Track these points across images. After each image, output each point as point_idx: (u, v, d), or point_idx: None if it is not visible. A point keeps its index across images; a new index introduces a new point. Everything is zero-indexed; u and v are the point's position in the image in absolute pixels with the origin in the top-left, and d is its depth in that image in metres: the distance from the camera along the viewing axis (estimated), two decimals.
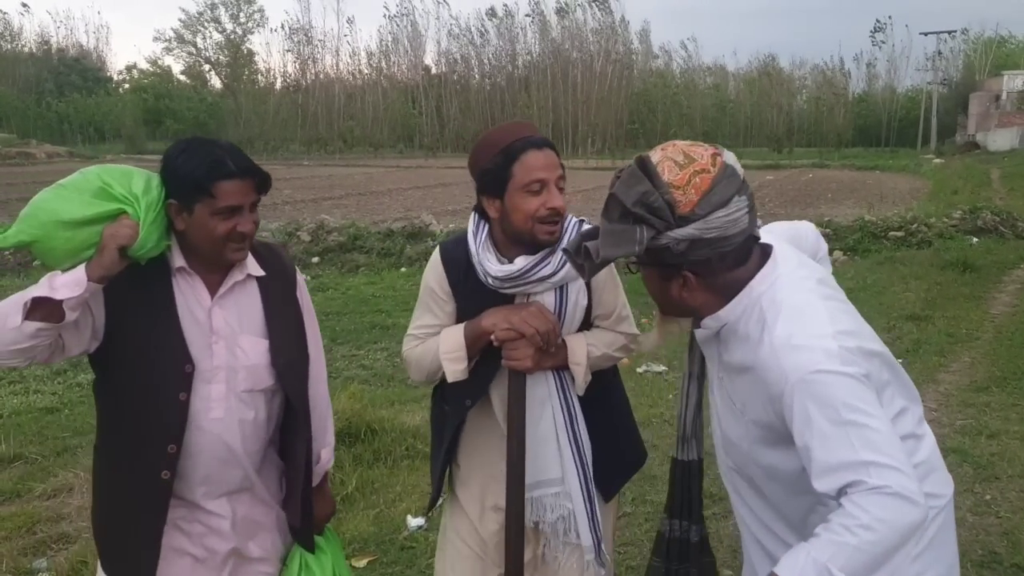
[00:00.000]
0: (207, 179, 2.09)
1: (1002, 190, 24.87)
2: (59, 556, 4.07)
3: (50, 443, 5.72)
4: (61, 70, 77.78)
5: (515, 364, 2.35)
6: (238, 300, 2.29)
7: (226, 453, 2.27)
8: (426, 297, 2.53)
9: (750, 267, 1.85)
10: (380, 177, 38.01)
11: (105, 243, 2.04)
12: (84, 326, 2.14)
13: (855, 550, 1.55)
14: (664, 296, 1.91)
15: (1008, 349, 7.82)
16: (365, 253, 13.72)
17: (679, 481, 2.26)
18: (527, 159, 2.29)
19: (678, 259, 1.79)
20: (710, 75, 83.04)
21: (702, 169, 1.77)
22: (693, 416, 2.19)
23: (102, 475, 2.36)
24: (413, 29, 79.70)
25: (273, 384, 2.31)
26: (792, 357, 1.69)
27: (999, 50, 67.44)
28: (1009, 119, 44.42)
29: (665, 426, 5.94)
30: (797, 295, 1.81)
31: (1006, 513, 4.49)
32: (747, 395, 1.85)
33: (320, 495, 2.58)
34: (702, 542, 2.27)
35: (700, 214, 1.75)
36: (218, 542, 2.34)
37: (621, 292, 2.59)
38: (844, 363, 1.66)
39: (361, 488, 4.83)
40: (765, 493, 1.95)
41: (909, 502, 1.56)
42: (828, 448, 1.63)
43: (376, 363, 7.89)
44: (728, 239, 1.78)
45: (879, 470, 1.58)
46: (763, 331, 1.76)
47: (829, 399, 1.64)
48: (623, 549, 4.21)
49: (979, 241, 14.25)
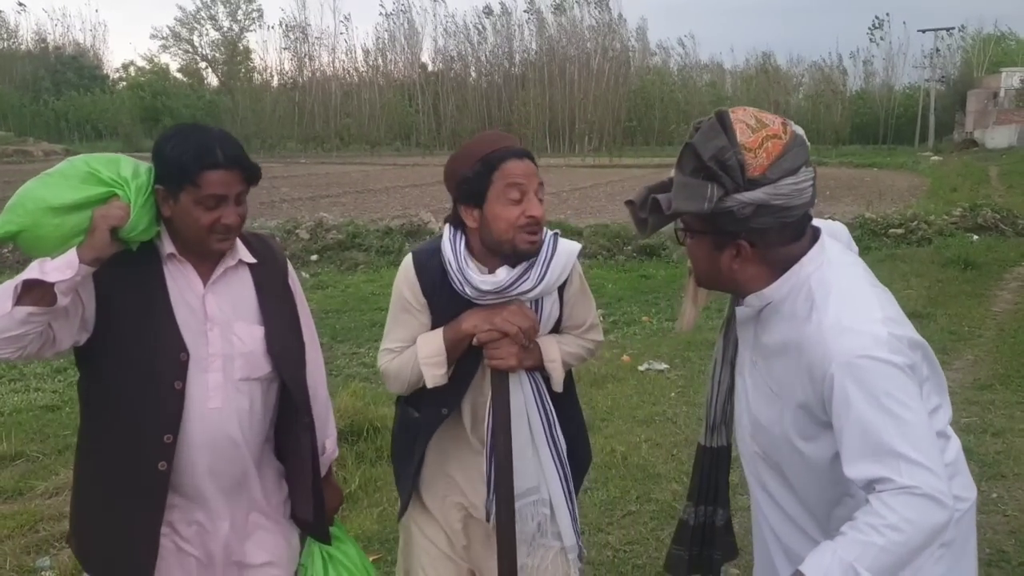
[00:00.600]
0: (192, 167, 2.05)
1: (1001, 187, 24.88)
2: (62, 554, 4.05)
3: (51, 441, 5.69)
4: (58, 68, 77.58)
5: (499, 363, 2.35)
6: (231, 287, 2.26)
7: (227, 443, 2.23)
8: (399, 308, 2.49)
9: (803, 244, 1.83)
10: (377, 175, 37.95)
11: (96, 224, 2.00)
12: (74, 315, 2.09)
13: (881, 550, 1.54)
14: (712, 267, 1.88)
15: (1011, 347, 7.80)
16: (364, 251, 13.68)
17: (706, 468, 2.22)
18: (507, 167, 2.28)
19: (738, 225, 1.76)
20: (707, 72, 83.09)
21: (774, 135, 1.75)
22: (723, 402, 2.15)
23: (91, 473, 2.30)
24: (410, 27, 79.68)
25: (270, 372, 2.28)
26: (840, 339, 1.67)
27: (997, 47, 67.46)
28: (1007, 116, 44.45)
29: (668, 424, 5.93)
30: (847, 278, 1.81)
31: (1013, 511, 4.48)
32: (785, 376, 1.81)
33: (327, 486, 2.56)
34: (727, 524, 2.26)
35: (770, 178, 1.73)
36: (216, 543, 2.29)
37: (593, 303, 2.61)
38: (892, 351, 1.65)
39: (364, 486, 4.82)
40: (792, 481, 1.91)
41: (937, 503, 1.55)
42: (864, 434, 1.61)
43: (376, 360, 7.84)
44: (791, 209, 1.76)
45: (910, 467, 1.56)
46: (811, 310, 1.74)
47: (872, 385, 1.62)
48: (628, 548, 4.20)
49: (979, 239, 14.25)
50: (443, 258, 2.39)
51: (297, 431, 2.35)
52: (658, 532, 4.34)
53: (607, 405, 6.33)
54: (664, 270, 12.15)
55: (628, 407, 6.27)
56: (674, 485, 4.87)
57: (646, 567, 4.01)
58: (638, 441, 5.56)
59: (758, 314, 1.90)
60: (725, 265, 1.84)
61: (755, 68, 78.91)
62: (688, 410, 6.20)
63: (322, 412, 2.52)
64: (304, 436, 2.36)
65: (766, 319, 1.88)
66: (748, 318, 1.93)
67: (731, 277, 1.86)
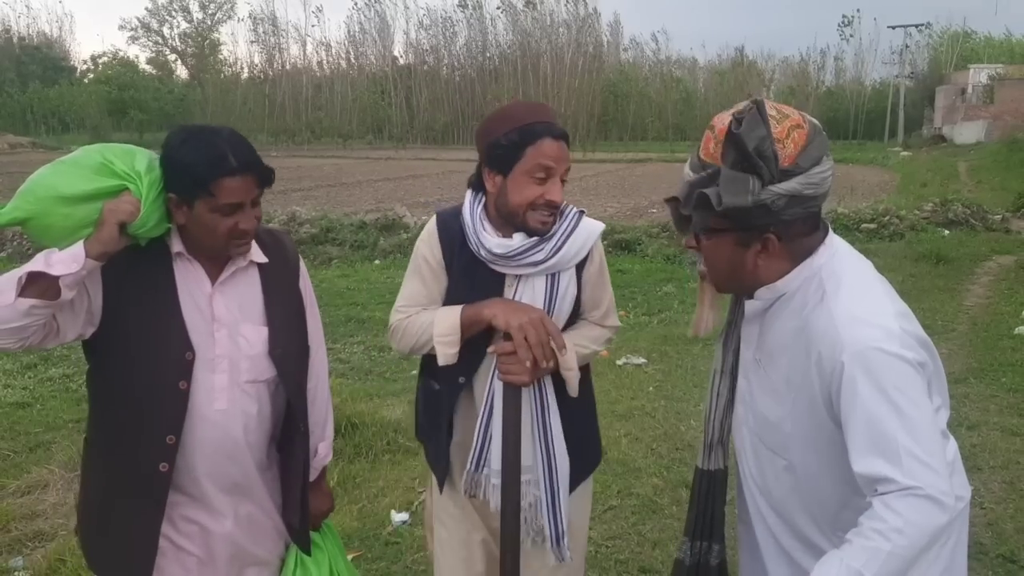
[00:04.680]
0: (207, 176, 1.99)
1: (970, 183, 25.14)
2: (36, 554, 3.98)
3: (22, 439, 5.61)
4: (23, 59, 76.43)
5: (512, 379, 2.31)
6: (239, 287, 2.22)
7: (231, 446, 2.19)
8: (418, 268, 2.48)
9: (818, 236, 1.82)
10: (350, 168, 37.75)
11: (105, 218, 1.95)
12: (80, 308, 2.05)
13: (889, 555, 1.53)
14: (735, 266, 1.83)
15: (984, 340, 7.88)
16: (338, 245, 13.61)
17: (702, 494, 2.13)
18: (542, 145, 2.25)
19: (770, 218, 1.73)
20: (679, 68, 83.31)
21: (797, 124, 1.74)
22: (722, 417, 2.08)
23: (95, 468, 2.27)
24: (381, 20, 79.23)
25: (276, 375, 2.25)
26: (852, 329, 1.65)
27: (965, 44, 68.13)
28: (975, 112, 44.91)
29: (647, 418, 5.94)
30: (857, 270, 1.80)
31: (990, 504, 4.52)
32: (792, 371, 1.78)
33: (318, 491, 2.53)
34: (721, 567, 2.14)
35: (802, 167, 1.71)
36: (219, 543, 2.27)
37: (610, 285, 2.58)
38: (903, 346, 1.63)
39: (343, 483, 4.78)
40: (801, 481, 1.86)
41: (939, 505, 1.53)
42: (869, 427, 1.59)
43: (353, 356, 7.81)
44: (817, 199, 1.75)
45: (914, 465, 1.55)
46: (822, 299, 1.73)
47: (881, 378, 1.60)
48: (610, 543, 4.19)
49: (951, 233, 14.41)
50: (462, 220, 2.39)
51: (292, 436, 2.32)
52: (639, 527, 4.33)
53: None
54: (640, 264, 12.18)
55: (607, 401, 6.26)
56: (654, 479, 4.87)
57: (628, 562, 4.00)
58: (617, 436, 5.56)
59: (765, 311, 1.87)
60: (750, 262, 1.80)
61: (728, 63, 79.21)
62: (666, 404, 6.21)
63: (321, 415, 2.49)
64: (298, 440, 2.32)
65: (774, 314, 1.85)
66: (755, 314, 1.90)
67: (754, 274, 1.82)
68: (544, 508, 2.44)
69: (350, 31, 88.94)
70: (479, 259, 2.38)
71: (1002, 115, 41.83)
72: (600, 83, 71.03)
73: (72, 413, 6.01)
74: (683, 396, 6.42)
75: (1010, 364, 7.07)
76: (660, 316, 9.27)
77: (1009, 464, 5.05)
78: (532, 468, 2.43)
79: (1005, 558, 3.98)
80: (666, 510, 4.50)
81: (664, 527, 4.31)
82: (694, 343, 7.98)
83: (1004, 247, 13.33)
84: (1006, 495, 4.63)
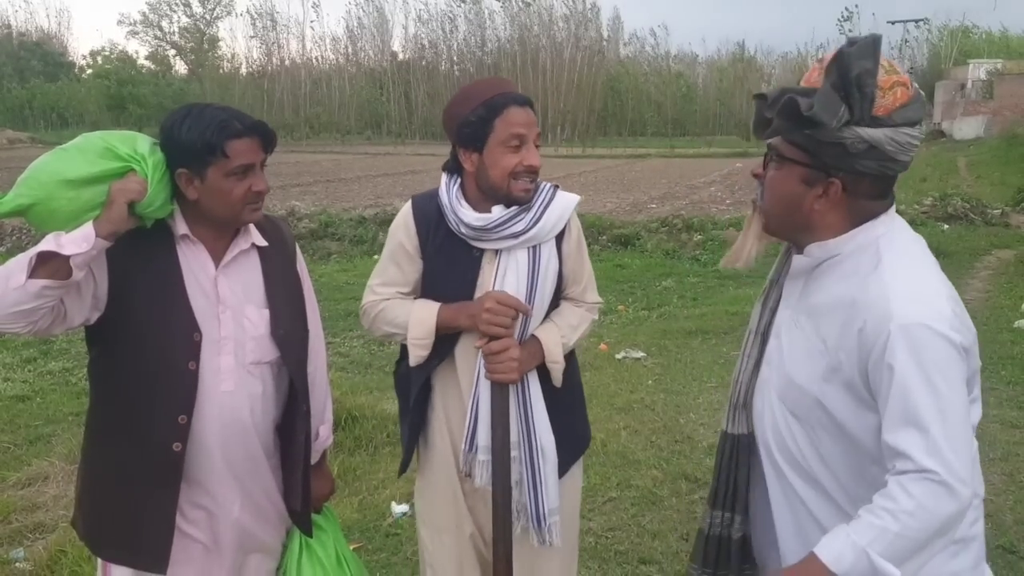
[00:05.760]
0: (218, 140, 2.05)
1: (969, 178, 25.15)
2: (36, 545, 3.98)
3: (23, 431, 5.63)
4: (22, 55, 76.35)
5: (500, 377, 2.36)
6: (242, 270, 2.25)
7: (238, 427, 2.22)
8: (393, 252, 2.53)
9: (885, 204, 1.81)
10: (349, 164, 37.76)
11: (114, 197, 1.98)
12: (86, 292, 2.07)
13: (896, 536, 1.53)
14: (793, 203, 1.81)
15: (984, 335, 7.81)
16: (337, 240, 13.63)
17: (726, 458, 2.04)
18: (509, 114, 2.31)
19: (843, 161, 1.72)
20: (678, 63, 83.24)
21: (903, 83, 1.73)
22: (749, 379, 2.00)
23: (100, 456, 2.28)
24: (379, 14, 79.16)
25: (280, 356, 2.27)
26: (903, 303, 1.63)
27: (965, 39, 68.08)
28: (974, 108, 44.84)
29: (646, 411, 5.95)
30: (915, 247, 1.78)
31: (989, 495, 4.50)
32: (831, 335, 1.75)
33: (319, 473, 2.56)
34: (743, 541, 2.05)
35: (894, 121, 1.70)
36: (226, 529, 2.28)
37: (588, 260, 2.62)
38: (952, 328, 1.62)
39: (343, 475, 4.79)
40: (820, 446, 1.82)
41: (953, 493, 1.53)
42: (904, 401, 1.58)
43: (353, 350, 7.82)
44: (896, 162, 1.74)
45: (936, 449, 1.54)
46: (877, 268, 1.71)
47: (924, 356, 1.59)
48: (610, 534, 4.20)
49: (950, 228, 14.44)
50: (439, 201, 2.44)
51: (294, 418, 2.34)
52: (639, 518, 4.34)
53: (586, 393, 6.27)
54: (639, 260, 12.18)
55: (606, 395, 6.28)
56: (653, 471, 4.88)
57: (628, 553, 4.01)
58: (617, 428, 5.57)
59: (812, 269, 1.85)
60: (808, 203, 1.79)
61: (727, 58, 79.19)
62: (665, 397, 6.22)
63: (320, 399, 2.52)
64: (299, 422, 2.34)
65: (821, 275, 1.83)
66: (801, 271, 1.87)
67: (808, 218, 1.80)
68: (526, 487, 2.46)
69: (348, 26, 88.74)
70: (457, 238, 2.42)
71: (1001, 110, 41.76)
72: (600, 78, 70.99)
73: (72, 406, 6.02)
74: (682, 389, 6.43)
75: (1010, 357, 7.10)
76: (659, 311, 9.29)
77: (1008, 456, 5.07)
78: (514, 445, 2.46)
79: (1005, 549, 3.99)
80: (665, 502, 4.51)
81: (664, 518, 4.32)
82: (693, 337, 8.01)
83: (1003, 241, 13.38)
84: (1005, 487, 4.65)
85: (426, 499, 2.67)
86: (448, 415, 2.54)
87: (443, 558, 2.60)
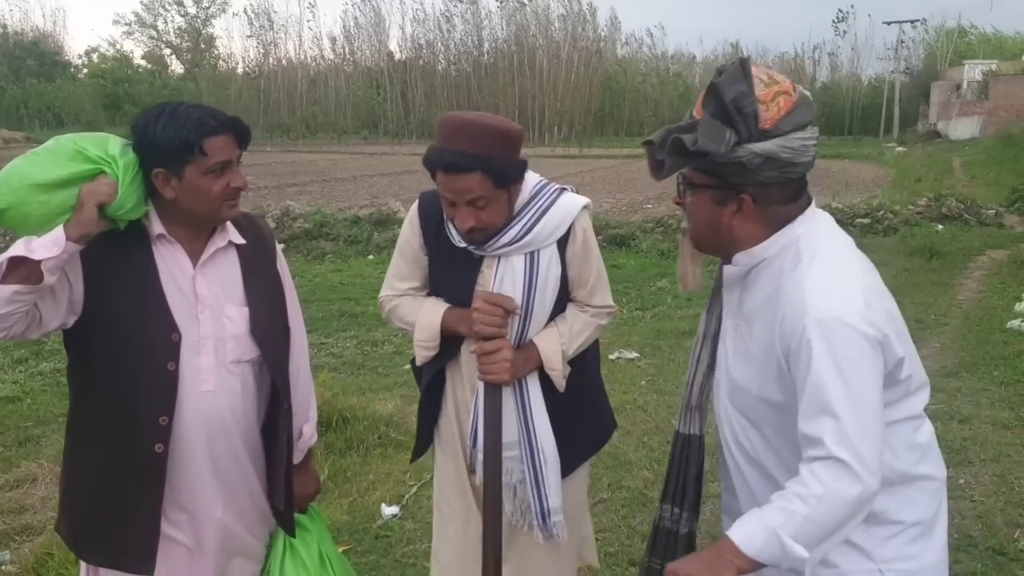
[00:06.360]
0: (195, 137, 2.04)
1: (964, 178, 25.17)
2: (23, 548, 3.96)
3: (12, 433, 5.60)
4: (17, 54, 76.19)
5: (493, 378, 2.35)
6: (220, 268, 2.24)
7: (220, 428, 2.21)
8: (402, 247, 2.57)
9: (799, 205, 1.86)
10: (345, 163, 37.72)
11: (84, 200, 1.97)
12: (61, 296, 2.06)
13: (805, 520, 1.61)
14: (712, 224, 1.88)
15: (976, 335, 7.89)
16: (332, 240, 13.60)
17: (676, 456, 2.16)
18: (439, 178, 2.30)
19: (745, 177, 1.78)
20: (675, 63, 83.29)
21: (785, 91, 1.79)
22: (702, 382, 2.10)
23: (86, 459, 2.27)
24: (375, 14, 79.09)
25: (259, 355, 2.26)
26: (817, 297, 1.70)
27: (960, 40, 68.16)
28: (970, 108, 44.86)
29: (639, 412, 5.93)
30: (835, 243, 1.85)
31: (980, 497, 4.52)
32: (764, 335, 1.83)
33: (304, 472, 2.54)
34: (690, 536, 2.13)
35: (782, 130, 1.75)
36: (209, 531, 2.27)
37: (597, 259, 2.54)
38: (864, 320, 1.68)
39: (334, 477, 4.78)
40: (771, 440, 1.90)
41: (859, 480, 1.61)
42: (815, 391, 1.66)
43: (346, 351, 7.81)
44: (796, 166, 1.79)
45: (845, 436, 1.61)
46: (796, 266, 1.78)
47: (835, 348, 1.65)
48: (600, 535, 4.17)
49: (944, 228, 14.43)
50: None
51: (277, 417, 2.33)
52: (630, 520, 4.33)
53: None
54: (634, 260, 12.19)
55: None
56: (645, 472, 4.87)
57: (618, 555, 4.00)
58: None
59: (744, 277, 1.91)
60: (725, 221, 1.85)
61: (724, 59, 79.21)
62: (658, 398, 6.21)
63: (303, 397, 2.50)
64: (282, 421, 2.33)
65: (752, 281, 1.89)
66: (735, 280, 1.94)
67: (730, 233, 1.86)
68: (529, 486, 2.47)
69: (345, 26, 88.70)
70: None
71: (996, 111, 41.80)
72: (597, 78, 71.02)
73: (62, 407, 5.98)
74: (675, 390, 6.41)
75: (1002, 358, 7.07)
76: (654, 311, 9.27)
77: (1000, 457, 5.05)
78: (514, 444, 2.46)
79: (995, 551, 3.97)
80: (656, 503, 4.47)
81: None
82: (687, 337, 7.98)
83: (997, 242, 13.36)
84: (996, 488, 4.63)
85: (439, 488, 2.69)
86: (458, 409, 2.57)
87: (448, 549, 2.63)
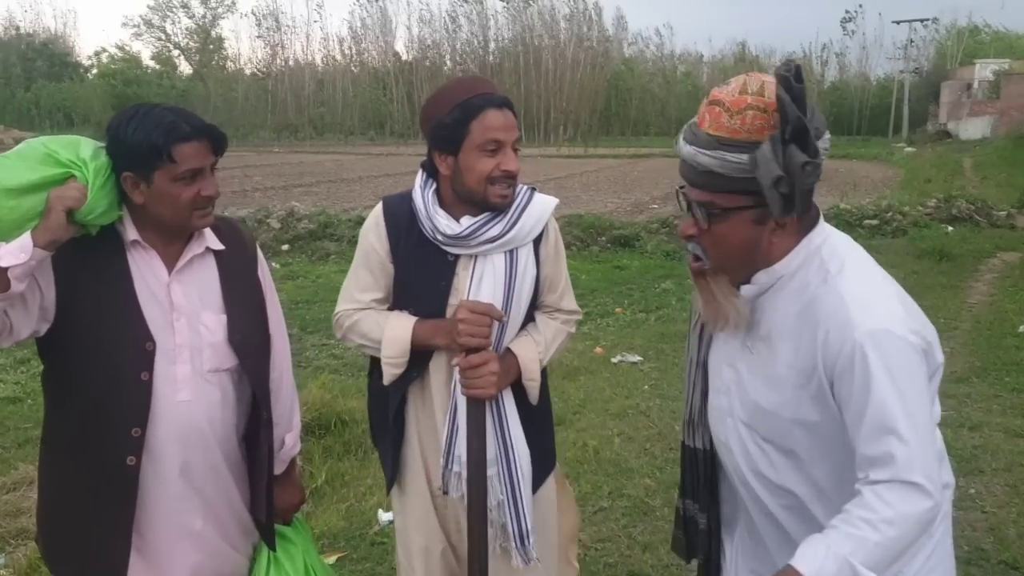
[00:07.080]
0: (165, 144, 1.98)
1: (974, 179, 25.01)
2: (17, 552, 3.90)
3: (11, 434, 5.54)
4: (29, 56, 76.60)
5: (478, 392, 2.27)
6: (197, 275, 2.17)
7: (197, 438, 2.14)
8: (366, 257, 2.44)
9: (813, 216, 1.77)
10: (351, 164, 37.75)
11: (51, 205, 1.92)
12: (32, 304, 2.00)
13: (877, 545, 1.51)
14: (748, 247, 1.74)
15: (987, 339, 7.76)
16: (336, 241, 13.52)
17: (688, 464, 2.10)
18: (486, 118, 2.21)
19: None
20: (683, 63, 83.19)
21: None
22: (699, 404, 2.02)
23: (57, 471, 2.20)
24: (383, 15, 79.22)
25: (237, 363, 2.20)
26: (862, 309, 1.62)
27: (971, 39, 67.89)
28: (980, 108, 44.71)
29: (641, 417, 5.84)
30: (854, 251, 1.77)
31: (991, 508, 4.40)
32: (794, 355, 1.72)
33: (287, 483, 2.48)
34: (709, 531, 2.10)
35: (820, 131, 1.66)
36: (188, 544, 2.20)
37: (565, 266, 2.53)
38: (909, 329, 1.62)
39: (331, 481, 4.71)
40: (807, 465, 1.80)
41: (927, 495, 1.53)
42: (876, 409, 1.57)
43: (347, 353, 7.71)
44: (819, 171, 1.67)
45: (908, 454, 1.54)
46: (826, 279, 1.69)
47: (891, 361, 1.58)
48: (599, 545, 4.10)
49: (954, 230, 14.30)
50: (413, 203, 2.35)
51: (256, 427, 2.27)
52: (630, 529, 4.24)
53: (579, 398, 6.22)
54: (638, 261, 12.07)
55: (601, 400, 6.18)
56: (647, 480, 4.77)
57: (617, 565, 3.91)
58: (611, 435, 5.46)
59: (756, 297, 1.80)
60: (765, 240, 1.73)
61: (732, 58, 79.13)
62: (661, 403, 6.11)
63: (286, 406, 2.44)
64: (262, 431, 2.27)
65: (769, 299, 1.79)
66: (748, 300, 1.82)
67: (767, 252, 1.75)
68: (507, 507, 2.40)
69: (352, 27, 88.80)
70: (430, 243, 2.34)
71: (1008, 111, 41.60)
72: (603, 78, 70.96)
73: None
74: (679, 395, 6.29)
75: (1014, 363, 6.95)
76: (658, 313, 9.17)
77: (1012, 466, 4.92)
78: (494, 461, 2.39)
79: (1008, 564, 3.86)
80: (658, 512, 4.39)
81: (656, 529, 4.20)
82: None
83: (1009, 244, 13.22)
84: (1008, 499, 4.51)
85: (400, 519, 2.59)
86: (420, 430, 2.47)
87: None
